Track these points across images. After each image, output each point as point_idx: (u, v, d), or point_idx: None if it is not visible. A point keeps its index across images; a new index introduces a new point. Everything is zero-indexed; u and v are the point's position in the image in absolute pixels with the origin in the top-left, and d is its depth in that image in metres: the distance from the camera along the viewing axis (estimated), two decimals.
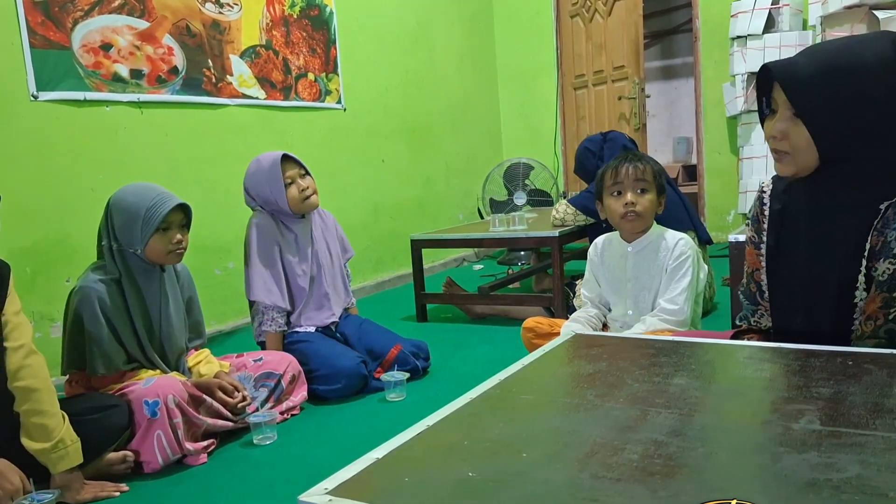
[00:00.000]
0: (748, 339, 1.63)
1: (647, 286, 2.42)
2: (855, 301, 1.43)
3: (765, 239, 1.59)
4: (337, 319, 3.04)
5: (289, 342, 2.90)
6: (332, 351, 2.81)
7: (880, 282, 1.38)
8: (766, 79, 1.46)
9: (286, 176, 2.85)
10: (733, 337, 1.70)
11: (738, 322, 1.74)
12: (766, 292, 1.61)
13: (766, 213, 1.60)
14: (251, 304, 2.93)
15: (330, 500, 0.86)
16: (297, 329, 2.93)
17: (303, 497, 0.87)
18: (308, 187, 2.90)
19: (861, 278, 1.41)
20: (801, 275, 1.51)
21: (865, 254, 1.40)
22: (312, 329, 2.95)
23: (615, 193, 2.36)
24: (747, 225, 1.69)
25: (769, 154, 5.36)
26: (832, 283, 1.45)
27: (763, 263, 1.60)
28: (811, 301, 1.50)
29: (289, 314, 2.94)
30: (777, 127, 1.43)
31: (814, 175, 1.43)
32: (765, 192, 1.62)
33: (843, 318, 1.45)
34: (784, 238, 1.55)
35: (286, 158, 2.88)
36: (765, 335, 1.66)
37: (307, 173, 2.93)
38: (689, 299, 2.35)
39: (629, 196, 2.33)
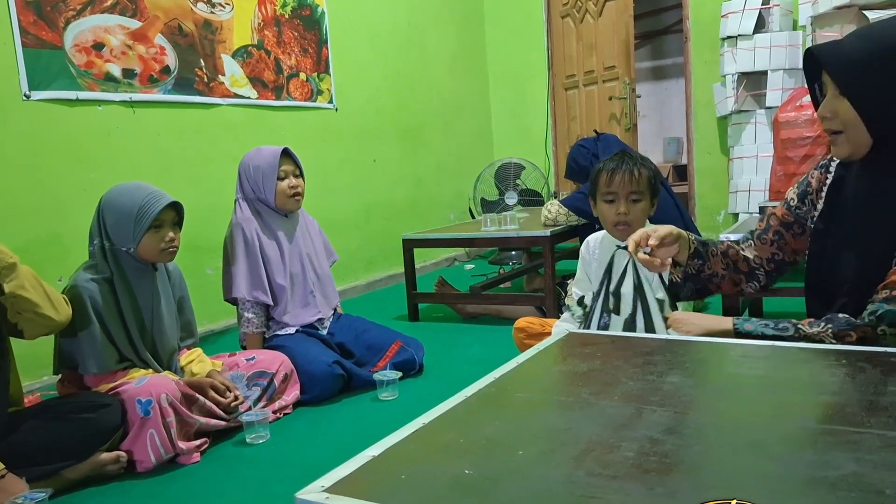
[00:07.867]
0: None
1: None
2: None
3: (816, 214, 1.60)
4: (323, 317, 3.04)
5: (267, 346, 2.89)
6: (304, 357, 2.76)
7: None
8: (812, 64, 1.49)
9: (281, 170, 2.88)
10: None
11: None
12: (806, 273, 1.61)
13: (828, 183, 1.59)
14: (236, 307, 2.93)
15: (327, 498, 0.86)
16: (278, 333, 2.92)
17: (300, 494, 0.87)
18: (297, 187, 2.93)
19: None
20: (845, 260, 1.50)
21: None
22: (293, 331, 2.93)
23: (608, 200, 2.37)
24: (793, 189, 1.68)
25: (759, 155, 5.35)
26: (872, 267, 1.44)
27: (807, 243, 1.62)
28: (852, 286, 1.48)
29: (270, 311, 2.93)
30: (826, 106, 1.45)
31: (868, 156, 1.45)
32: (832, 162, 1.61)
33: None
34: (831, 217, 1.56)
35: (286, 154, 2.92)
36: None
37: (301, 175, 2.96)
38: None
39: (622, 207, 2.34)
